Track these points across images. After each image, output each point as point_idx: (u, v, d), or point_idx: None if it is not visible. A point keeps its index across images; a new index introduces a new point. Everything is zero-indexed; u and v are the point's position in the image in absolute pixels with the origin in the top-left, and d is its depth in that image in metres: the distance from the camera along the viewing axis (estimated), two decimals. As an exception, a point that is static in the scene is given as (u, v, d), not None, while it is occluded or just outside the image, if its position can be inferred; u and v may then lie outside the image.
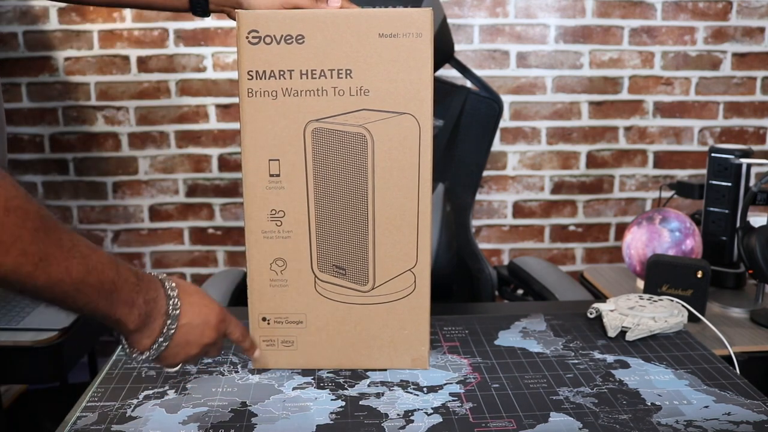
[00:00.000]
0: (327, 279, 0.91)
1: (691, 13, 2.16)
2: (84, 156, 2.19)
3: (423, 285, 0.90)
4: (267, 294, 0.90)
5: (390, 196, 0.87)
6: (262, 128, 0.85)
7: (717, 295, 1.35)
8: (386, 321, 0.91)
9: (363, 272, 0.90)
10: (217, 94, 2.15)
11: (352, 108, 0.85)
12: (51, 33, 2.10)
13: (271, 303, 0.91)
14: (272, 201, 0.88)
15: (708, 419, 0.78)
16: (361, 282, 0.90)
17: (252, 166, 0.87)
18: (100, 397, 0.83)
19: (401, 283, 0.90)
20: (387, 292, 0.90)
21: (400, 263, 0.90)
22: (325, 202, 0.88)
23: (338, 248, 0.90)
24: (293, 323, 0.91)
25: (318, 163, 0.87)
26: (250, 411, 0.80)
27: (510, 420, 0.78)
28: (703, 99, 2.23)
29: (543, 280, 1.48)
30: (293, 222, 0.88)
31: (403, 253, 0.89)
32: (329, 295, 0.91)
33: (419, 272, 0.90)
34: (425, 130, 0.85)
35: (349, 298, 0.91)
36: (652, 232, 1.33)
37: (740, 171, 1.35)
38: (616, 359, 0.93)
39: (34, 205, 0.57)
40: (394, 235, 0.89)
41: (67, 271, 0.60)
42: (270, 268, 0.90)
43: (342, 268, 0.90)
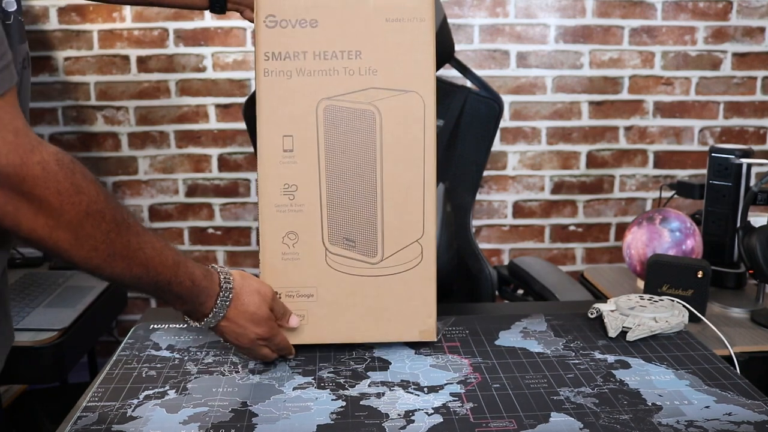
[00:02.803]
0: (337, 252, 0.94)
1: (691, 13, 2.16)
2: (84, 156, 2.19)
3: (429, 256, 0.94)
4: (279, 268, 0.93)
5: (397, 169, 0.92)
6: (277, 106, 0.90)
7: (717, 295, 1.35)
8: (395, 292, 0.94)
9: (372, 244, 0.94)
10: (217, 94, 2.15)
11: (361, 87, 0.91)
12: (51, 33, 2.10)
13: (282, 277, 0.93)
14: (286, 175, 0.91)
15: (709, 419, 0.78)
16: (370, 254, 0.94)
17: (267, 142, 0.91)
18: (100, 397, 0.83)
19: (409, 255, 0.94)
20: (395, 263, 0.94)
21: (408, 235, 0.93)
22: (335, 176, 0.92)
23: (348, 221, 0.93)
24: (304, 297, 0.93)
25: (329, 138, 0.91)
26: (250, 411, 0.80)
27: (510, 420, 0.78)
28: (703, 99, 2.23)
29: (543, 280, 1.48)
30: (305, 196, 0.92)
31: (409, 225, 0.93)
32: (339, 268, 0.94)
33: (426, 243, 0.94)
34: (429, 106, 0.91)
35: (359, 270, 0.94)
36: (653, 232, 1.33)
37: (740, 171, 1.35)
38: (617, 359, 0.93)
39: (112, 209, 0.67)
40: (401, 207, 0.93)
41: (128, 269, 0.70)
42: (282, 241, 0.92)
43: (352, 240, 0.93)
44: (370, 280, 0.94)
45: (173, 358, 0.94)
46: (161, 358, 0.94)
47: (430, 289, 0.95)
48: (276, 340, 0.88)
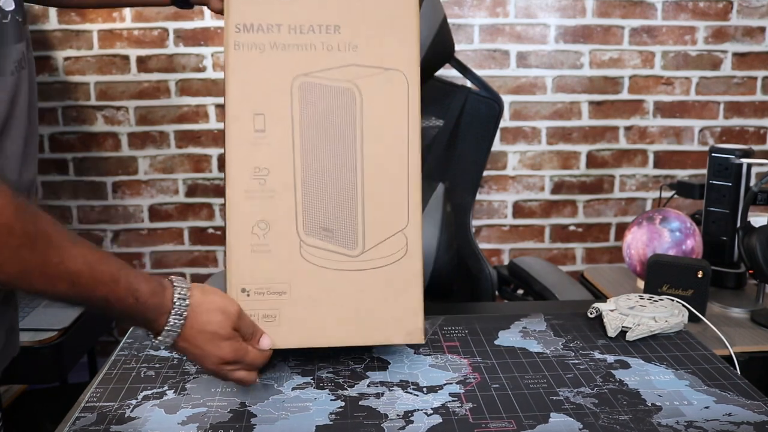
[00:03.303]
0: (313, 243, 0.85)
1: (691, 12, 2.16)
2: (84, 156, 2.19)
3: (415, 249, 0.87)
4: (247, 262, 0.84)
5: (379, 153, 0.85)
6: (248, 81, 0.83)
7: (717, 295, 1.35)
8: (377, 289, 0.86)
9: (352, 235, 0.86)
10: (217, 94, 2.15)
11: (340, 63, 0.85)
12: (50, 33, 2.10)
13: (251, 272, 0.84)
14: (256, 158, 0.83)
15: (709, 420, 0.78)
16: (350, 245, 0.86)
17: (236, 121, 0.83)
18: (99, 398, 0.83)
19: (392, 247, 0.86)
20: (378, 256, 0.86)
21: (391, 224, 0.86)
22: (311, 159, 0.85)
23: (325, 209, 0.85)
24: (276, 294, 0.84)
25: (305, 118, 0.85)
26: (249, 411, 0.80)
27: (510, 420, 0.77)
28: (703, 99, 2.23)
29: (543, 280, 1.48)
30: (278, 180, 0.84)
31: (393, 214, 0.86)
32: (316, 261, 0.85)
33: (411, 234, 0.86)
34: (413, 86, 0.86)
35: (337, 264, 0.85)
36: (653, 232, 1.33)
37: (740, 171, 1.35)
38: (617, 359, 0.93)
39: (23, 222, 0.62)
40: (384, 194, 0.86)
41: (50, 285, 0.65)
42: (252, 231, 0.84)
43: (329, 230, 0.86)
44: (349, 275, 0.85)
45: (172, 358, 0.94)
46: (160, 358, 0.94)
47: (417, 285, 0.87)
48: (247, 360, 0.79)
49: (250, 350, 0.80)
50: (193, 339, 0.75)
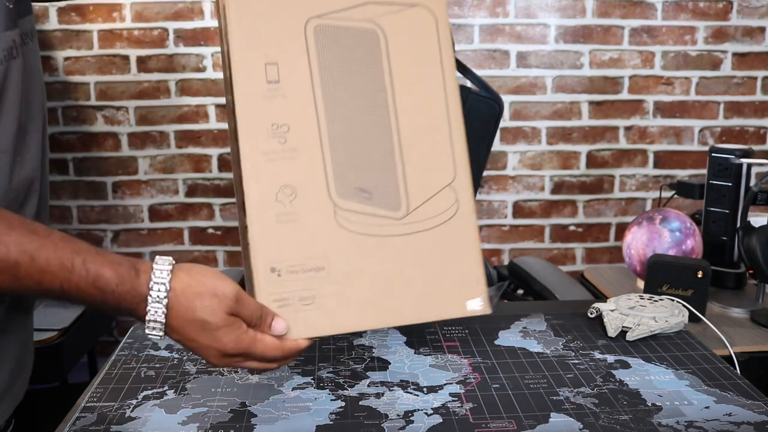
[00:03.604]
0: (350, 207, 0.73)
1: (691, 12, 2.16)
2: (84, 156, 2.19)
3: (467, 204, 0.76)
4: (274, 235, 0.71)
5: (412, 99, 0.75)
6: (254, 27, 0.72)
7: (717, 295, 1.35)
8: (430, 255, 0.75)
9: (393, 194, 0.74)
10: (217, 94, 2.15)
11: (356, 2, 0.74)
12: (50, 33, 2.10)
13: (280, 246, 0.71)
14: (273, 113, 0.72)
15: (709, 420, 0.78)
16: (393, 206, 0.75)
17: (244, 73, 0.72)
18: (99, 398, 0.83)
19: (441, 204, 0.75)
20: (425, 216, 0.75)
21: (436, 178, 0.75)
22: (337, 110, 0.74)
23: (360, 166, 0.74)
24: (312, 271, 0.72)
25: (324, 65, 0.74)
26: (249, 411, 0.80)
27: (510, 420, 0.77)
28: (703, 99, 2.23)
29: (543, 280, 1.48)
30: (300, 137, 0.72)
31: (436, 166, 0.75)
32: (355, 228, 0.73)
33: (460, 188, 0.76)
34: (442, 23, 0.76)
35: (381, 229, 0.74)
36: (653, 232, 1.33)
37: (740, 171, 1.35)
38: (617, 359, 0.93)
39: None
40: (424, 145, 0.75)
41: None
42: (276, 198, 0.71)
43: (367, 190, 0.74)
44: (396, 241, 0.74)
45: (172, 358, 0.94)
46: (160, 358, 0.94)
47: (474, 246, 0.76)
48: (257, 352, 0.69)
49: (260, 339, 0.69)
50: (183, 330, 0.66)
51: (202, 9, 2.10)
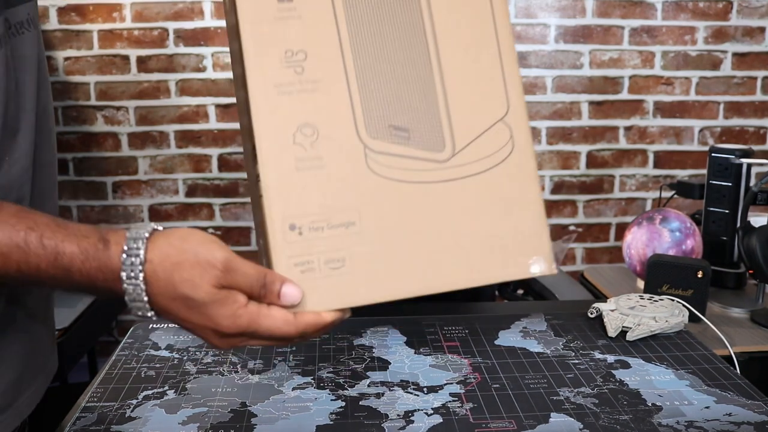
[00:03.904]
0: (384, 148, 0.61)
1: (691, 12, 2.16)
2: (84, 156, 2.19)
3: (524, 141, 0.64)
4: (293, 185, 0.59)
5: (454, 15, 0.63)
6: None
7: (717, 295, 1.35)
8: (481, 204, 0.62)
9: (435, 131, 0.63)
10: (217, 94, 2.15)
11: None
12: (51, 33, 2.10)
13: (301, 198, 0.59)
14: (286, 37, 0.60)
15: (709, 420, 0.78)
16: (435, 146, 0.62)
17: None
18: (99, 398, 0.83)
19: (493, 143, 0.63)
20: (474, 158, 0.63)
21: (485, 112, 0.63)
22: (363, 33, 0.62)
23: (393, 99, 0.62)
24: (341, 227, 0.60)
25: None
26: (249, 411, 0.80)
27: (510, 420, 0.77)
28: (703, 99, 2.23)
29: (543, 280, 1.48)
30: (320, 66, 0.60)
31: (486, 96, 0.63)
32: (390, 173, 0.61)
33: (515, 122, 0.64)
34: None
35: (422, 175, 0.62)
36: (653, 232, 1.33)
37: (740, 171, 1.35)
38: (617, 359, 0.93)
39: None
40: (470, 72, 0.63)
41: None
42: (294, 140, 0.59)
43: (404, 128, 0.62)
44: (440, 188, 0.61)
45: (172, 357, 0.94)
46: (160, 357, 0.94)
47: (534, 192, 0.64)
48: (262, 331, 0.56)
49: (266, 314, 0.57)
50: (170, 310, 0.56)
51: (202, 9, 2.10)
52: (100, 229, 0.57)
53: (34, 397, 0.75)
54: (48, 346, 0.79)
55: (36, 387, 0.76)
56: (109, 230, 0.57)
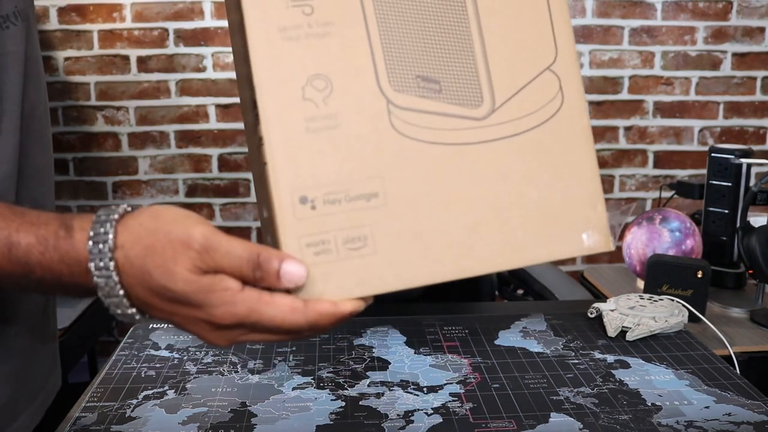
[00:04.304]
0: (410, 104, 0.52)
1: (691, 13, 2.16)
2: (84, 156, 2.19)
3: (575, 95, 0.54)
4: (304, 147, 0.49)
5: None
6: None
7: (717, 295, 1.35)
8: (525, 170, 0.53)
9: (471, 84, 0.53)
10: (217, 94, 2.16)
11: None
12: (51, 33, 2.10)
13: (313, 165, 0.50)
14: None
15: (709, 420, 0.78)
16: (472, 101, 0.53)
17: None
18: (99, 397, 0.83)
19: (538, 96, 0.54)
20: (516, 114, 0.53)
21: (530, 58, 0.54)
22: None
23: (421, 44, 0.52)
24: (362, 199, 0.50)
25: None
26: (249, 411, 0.80)
27: (510, 420, 0.78)
28: (703, 99, 2.23)
29: (543, 280, 1.48)
30: (333, 6, 0.51)
31: (531, 40, 0.54)
32: (418, 134, 0.52)
33: (565, 71, 0.55)
34: None
35: (455, 135, 0.52)
36: (652, 232, 1.33)
37: (740, 171, 1.35)
38: (617, 359, 0.93)
39: None
40: (510, 12, 0.54)
41: None
42: (303, 95, 0.50)
43: (434, 79, 0.53)
44: (477, 151, 0.52)
45: (172, 357, 0.94)
46: (160, 357, 0.94)
47: (586, 155, 0.54)
48: (265, 321, 0.47)
49: (267, 300, 0.47)
50: (151, 302, 0.48)
51: (202, 9, 2.10)
52: (63, 215, 0.49)
53: (33, 417, 0.71)
54: (47, 363, 0.73)
55: (35, 407, 0.71)
56: (74, 215, 0.49)
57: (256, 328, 0.48)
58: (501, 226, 0.53)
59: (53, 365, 0.76)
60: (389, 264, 0.51)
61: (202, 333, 0.49)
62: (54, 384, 0.77)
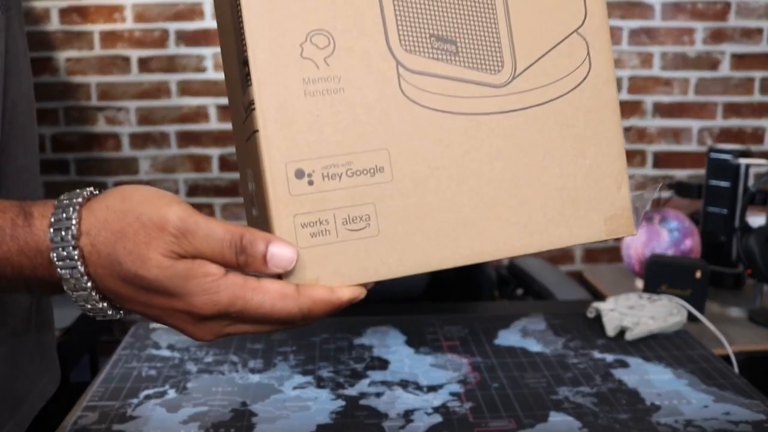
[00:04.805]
0: (422, 66, 0.47)
1: (689, 13, 2.17)
2: (85, 156, 2.19)
3: (603, 62, 0.50)
4: (301, 114, 0.44)
5: None
6: None
7: (716, 295, 1.35)
8: (546, 144, 0.49)
9: (491, 45, 0.48)
10: (218, 95, 2.16)
11: None
12: (52, 34, 2.10)
13: (310, 134, 0.44)
14: None
15: (707, 419, 0.78)
16: (490, 66, 0.48)
17: None
18: (100, 397, 0.83)
19: (564, 62, 0.49)
20: (539, 82, 0.49)
21: (557, 20, 0.49)
22: None
23: (436, 2, 0.47)
24: (365, 173, 0.45)
25: None
26: (250, 410, 0.80)
27: (510, 419, 0.78)
28: (701, 99, 2.23)
29: (543, 280, 1.49)
30: None
31: (558, 0, 0.49)
32: (430, 101, 0.47)
33: (594, 35, 0.49)
34: None
35: (472, 104, 0.47)
36: (651, 232, 1.34)
37: (739, 171, 1.35)
38: (616, 359, 0.93)
39: None
40: None
41: None
42: (302, 54, 0.44)
43: (450, 40, 0.47)
44: (494, 122, 0.48)
45: (173, 357, 0.94)
46: (161, 357, 0.94)
47: (614, 128, 0.50)
48: (251, 309, 0.42)
49: (254, 286, 0.42)
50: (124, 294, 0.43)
51: (202, 10, 2.11)
52: (22, 202, 0.43)
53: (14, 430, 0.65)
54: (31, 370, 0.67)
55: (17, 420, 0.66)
56: (35, 202, 0.44)
57: (243, 317, 0.43)
58: (519, 206, 0.48)
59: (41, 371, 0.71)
60: (393, 247, 0.46)
61: (183, 326, 0.44)
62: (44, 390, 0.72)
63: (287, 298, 0.42)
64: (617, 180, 0.50)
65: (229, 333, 0.44)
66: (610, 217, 0.50)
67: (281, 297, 0.42)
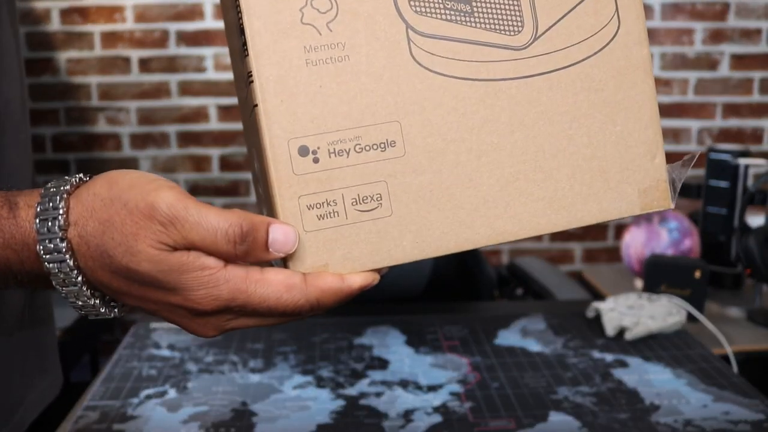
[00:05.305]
0: (435, 29, 0.42)
1: (689, 14, 2.17)
2: (85, 156, 2.19)
3: (634, 20, 0.45)
4: (303, 85, 0.41)
5: None
6: None
7: (715, 295, 1.35)
8: (573, 111, 0.44)
9: (509, 6, 0.44)
10: (218, 95, 2.16)
11: None
12: (53, 34, 2.11)
13: (313, 106, 0.41)
14: None
15: (706, 418, 0.78)
16: (510, 27, 0.44)
17: None
18: (101, 396, 0.83)
19: (590, 20, 0.44)
20: (563, 44, 0.44)
21: None
22: None
23: None
24: (374, 148, 0.42)
25: None
26: (250, 410, 0.81)
27: (510, 419, 0.78)
28: (701, 100, 2.23)
29: (542, 280, 1.49)
30: None
31: None
32: (445, 67, 0.43)
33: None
34: None
35: (489, 69, 0.43)
36: (651, 232, 1.34)
37: (738, 171, 1.35)
38: (615, 358, 0.94)
39: None
40: None
41: None
42: (302, 19, 0.40)
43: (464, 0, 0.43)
44: (516, 88, 0.43)
45: (173, 356, 0.94)
46: (161, 357, 0.94)
47: (647, 92, 0.45)
48: (254, 302, 0.39)
49: (256, 279, 0.39)
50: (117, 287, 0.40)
51: (202, 10, 2.11)
52: (8, 192, 0.40)
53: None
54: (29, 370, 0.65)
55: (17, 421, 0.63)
56: (21, 191, 0.40)
57: (246, 311, 0.40)
58: (544, 180, 0.44)
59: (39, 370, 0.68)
60: (408, 228, 0.42)
61: (181, 321, 0.41)
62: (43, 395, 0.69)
63: (293, 289, 0.39)
64: (651, 149, 0.46)
65: (233, 327, 0.41)
66: (645, 189, 0.46)
67: (287, 288, 0.39)
